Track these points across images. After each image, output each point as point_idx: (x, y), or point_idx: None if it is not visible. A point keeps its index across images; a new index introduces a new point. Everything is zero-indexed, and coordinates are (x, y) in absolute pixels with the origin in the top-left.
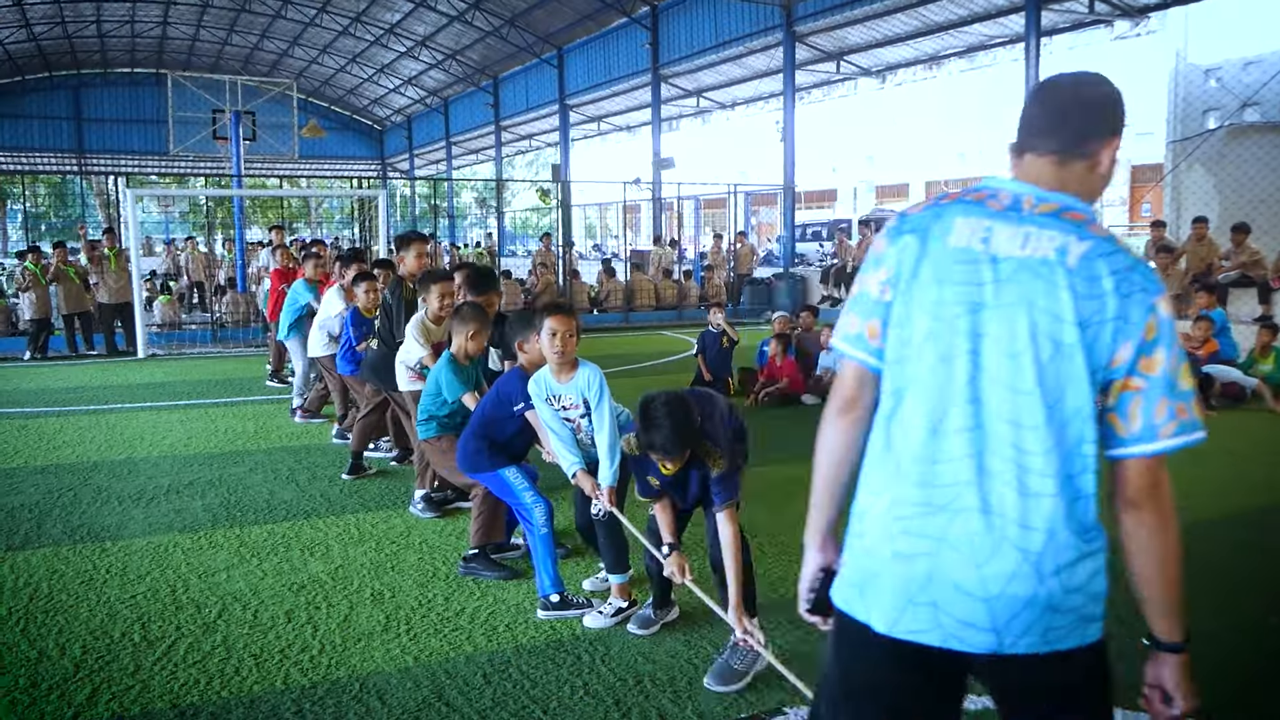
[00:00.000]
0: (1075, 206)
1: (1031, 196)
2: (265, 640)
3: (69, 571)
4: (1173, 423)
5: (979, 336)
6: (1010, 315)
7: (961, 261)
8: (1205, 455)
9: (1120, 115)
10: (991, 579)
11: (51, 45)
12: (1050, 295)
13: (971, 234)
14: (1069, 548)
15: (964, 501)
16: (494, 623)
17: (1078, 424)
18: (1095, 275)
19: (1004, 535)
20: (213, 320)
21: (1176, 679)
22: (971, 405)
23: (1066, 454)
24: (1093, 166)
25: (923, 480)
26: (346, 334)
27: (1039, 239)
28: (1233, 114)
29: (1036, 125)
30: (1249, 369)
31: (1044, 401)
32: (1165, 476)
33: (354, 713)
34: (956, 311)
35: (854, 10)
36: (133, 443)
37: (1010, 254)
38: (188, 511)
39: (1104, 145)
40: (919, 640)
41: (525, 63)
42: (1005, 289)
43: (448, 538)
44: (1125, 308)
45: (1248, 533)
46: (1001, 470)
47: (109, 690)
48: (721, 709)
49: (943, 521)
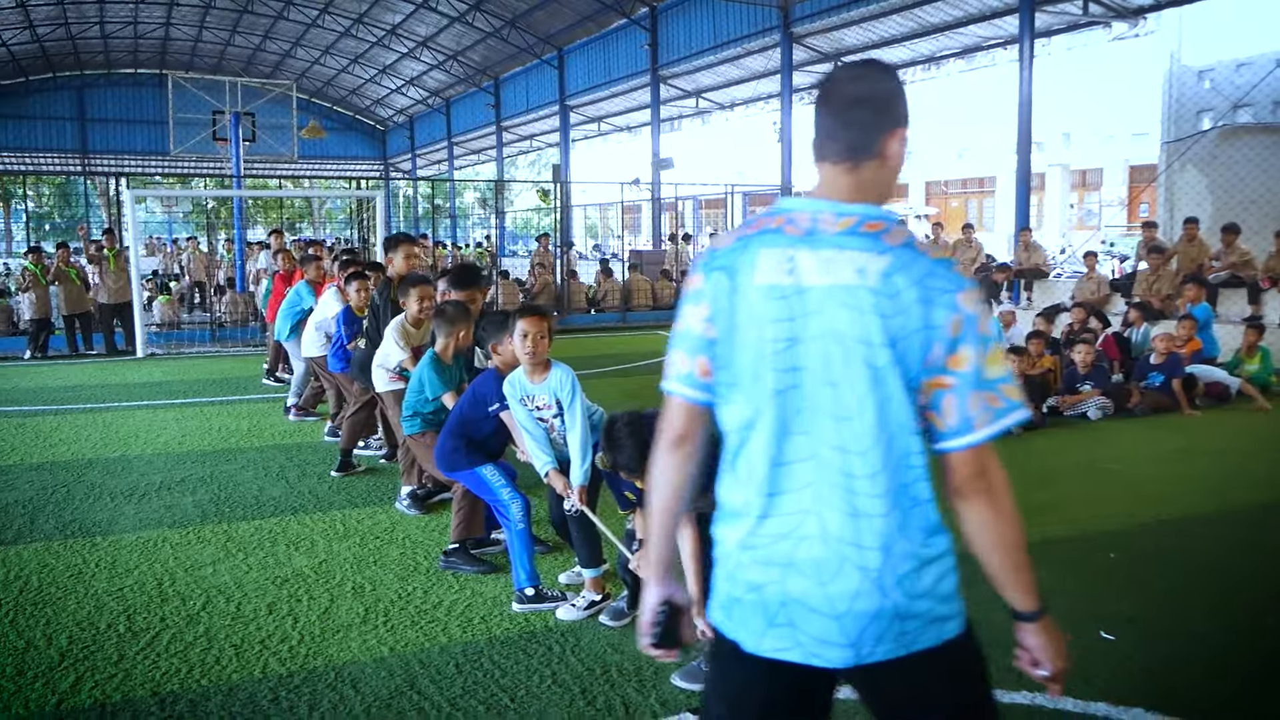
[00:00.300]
0: (872, 215)
1: (829, 214)
2: (246, 631)
3: (59, 565)
4: (986, 413)
5: (798, 370)
6: (824, 346)
7: (771, 299)
8: (1191, 454)
9: (903, 105)
10: (838, 598)
11: (55, 46)
12: (857, 321)
13: (777, 267)
14: (907, 559)
15: (806, 529)
16: (470, 615)
17: (903, 439)
18: (896, 291)
19: (844, 556)
20: (211, 320)
21: (1039, 643)
22: (803, 437)
23: (895, 470)
24: (883, 162)
25: (768, 512)
26: (338, 332)
27: (839, 263)
28: (1225, 115)
29: (825, 130)
30: (1234, 369)
31: (865, 425)
32: (992, 464)
33: (328, 700)
34: (776, 348)
35: (850, 12)
36: (127, 440)
37: (815, 283)
38: (178, 507)
39: (891, 137)
40: (782, 658)
41: (526, 64)
42: (814, 321)
43: (430, 533)
44: (929, 314)
45: (1236, 530)
46: (832, 496)
47: (92, 678)
48: (684, 696)
49: (789, 548)
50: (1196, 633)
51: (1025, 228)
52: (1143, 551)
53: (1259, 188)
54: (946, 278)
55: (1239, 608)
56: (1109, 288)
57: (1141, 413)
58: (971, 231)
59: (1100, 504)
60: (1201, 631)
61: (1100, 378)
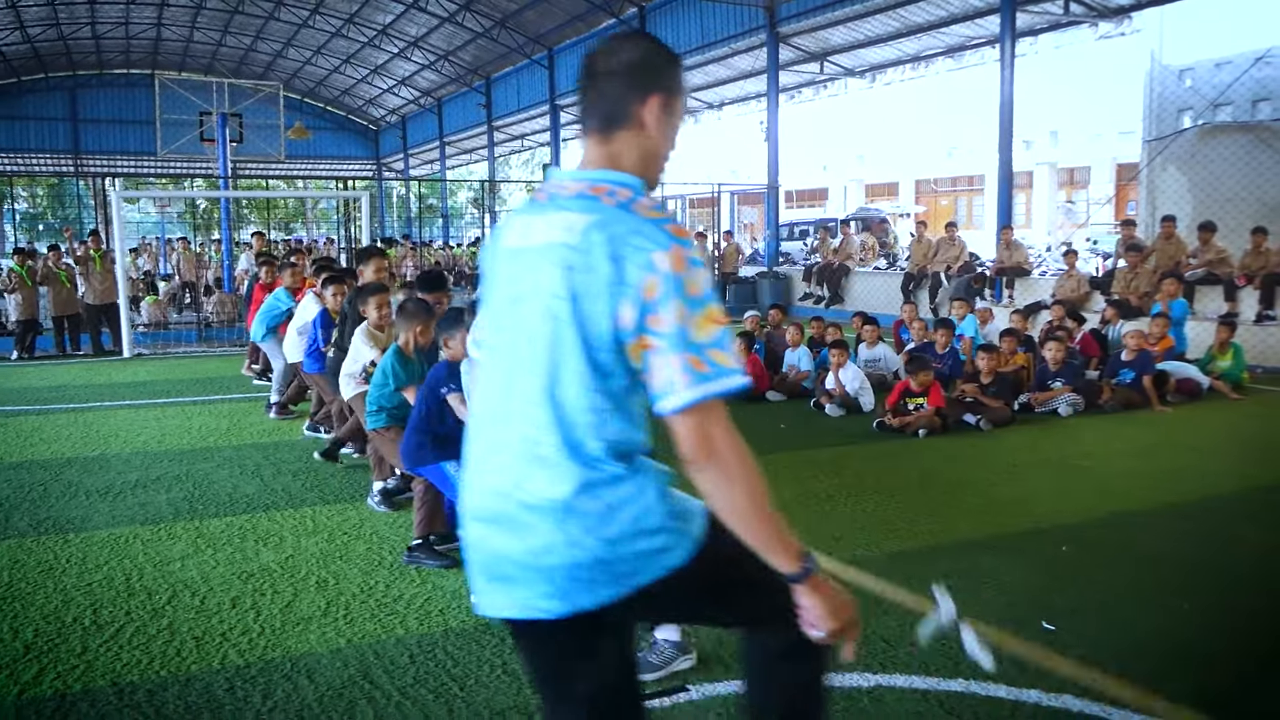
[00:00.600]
0: (604, 180)
1: (570, 181)
2: (209, 624)
3: (30, 561)
4: (688, 375)
5: (516, 328)
6: (530, 303)
7: (506, 260)
8: (1158, 450)
9: (659, 70)
10: (539, 551)
11: (47, 47)
12: (551, 276)
13: (519, 232)
14: (592, 507)
15: (504, 484)
16: (429, 608)
17: (578, 395)
18: (589, 246)
19: (534, 509)
20: (199, 320)
21: (808, 604)
22: (509, 394)
23: (569, 425)
24: (640, 130)
25: (482, 469)
26: (314, 334)
27: (555, 223)
28: (1204, 114)
29: (584, 104)
30: (1207, 365)
31: (547, 380)
32: (718, 430)
33: (282, 689)
34: (505, 309)
35: (835, 11)
36: (107, 439)
37: (534, 244)
38: (151, 505)
39: (643, 105)
40: (506, 616)
41: (516, 63)
42: (525, 279)
43: (398, 529)
44: (620, 271)
45: (1187, 523)
46: (523, 450)
47: (55, 670)
48: None
49: (495, 505)
50: (1132, 622)
51: (1007, 226)
52: (1096, 544)
53: (1237, 186)
54: (648, 236)
55: (1179, 597)
56: (1089, 285)
57: (1112, 409)
58: (955, 230)
59: (1063, 499)
60: (1138, 621)
61: (1071, 375)
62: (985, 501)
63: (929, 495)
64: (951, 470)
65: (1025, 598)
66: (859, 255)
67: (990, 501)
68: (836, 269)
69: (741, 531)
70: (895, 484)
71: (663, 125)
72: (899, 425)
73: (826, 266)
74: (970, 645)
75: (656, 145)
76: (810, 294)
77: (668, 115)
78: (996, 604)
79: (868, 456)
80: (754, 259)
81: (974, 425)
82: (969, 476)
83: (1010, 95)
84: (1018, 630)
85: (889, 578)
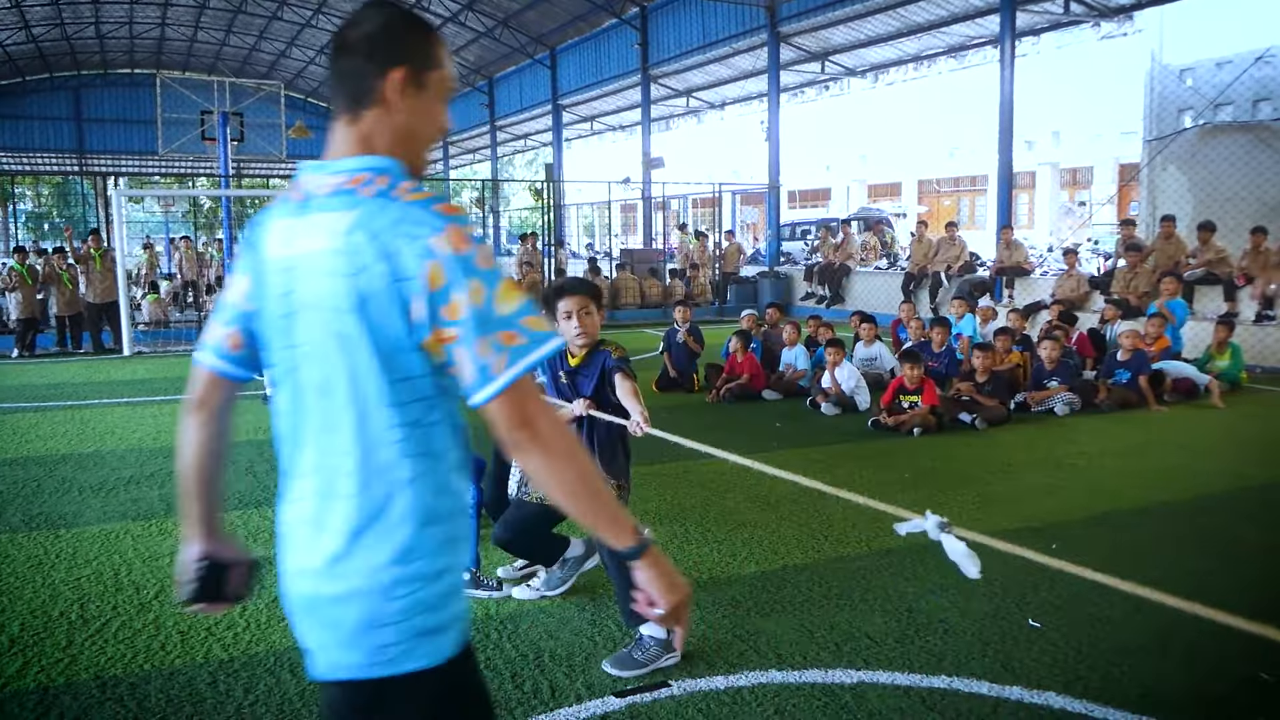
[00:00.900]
0: (358, 169)
1: (321, 175)
2: (194, 619)
3: (20, 556)
4: (502, 354)
5: (296, 347)
6: (308, 319)
7: (275, 272)
8: (1152, 449)
9: (401, 41)
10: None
11: (51, 46)
12: (327, 289)
13: (281, 240)
14: (384, 551)
15: (303, 516)
16: None
17: (379, 412)
18: (357, 247)
19: (324, 549)
20: (200, 318)
21: (646, 579)
22: (302, 417)
23: (370, 447)
24: (386, 109)
25: (287, 498)
26: None
27: (318, 227)
28: (1205, 113)
29: (333, 85)
30: (1204, 365)
31: (341, 400)
32: (534, 408)
33: (264, 683)
34: (281, 325)
35: (836, 11)
36: (103, 436)
37: (299, 252)
38: (144, 501)
39: (384, 80)
40: (316, 677)
41: (519, 63)
42: (298, 294)
43: None
44: (396, 266)
45: (1175, 522)
46: (320, 483)
47: (39, 663)
48: (609, 681)
49: (301, 535)
50: (1116, 619)
51: (1006, 226)
52: (1085, 542)
53: (1237, 185)
54: (417, 222)
55: (1162, 593)
56: (1089, 285)
57: (1108, 409)
58: (955, 229)
59: (1056, 497)
60: (1124, 618)
61: (1067, 374)
62: (981, 499)
63: (922, 493)
64: (946, 468)
65: (1013, 595)
66: (860, 255)
67: (985, 499)
68: (837, 269)
69: (575, 511)
70: (889, 482)
71: (412, 101)
72: (894, 424)
73: (827, 266)
74: (954, 552)
75: (408, 124)
76: (811, 293)
77: (416, 89)
78: (984, 602)
79: (862, 455)
80: (755, 258)
81: (969, 424)
82: (963, 475)
83: (1010, 95)
84: (1004, 628)
85: (879, 574)
